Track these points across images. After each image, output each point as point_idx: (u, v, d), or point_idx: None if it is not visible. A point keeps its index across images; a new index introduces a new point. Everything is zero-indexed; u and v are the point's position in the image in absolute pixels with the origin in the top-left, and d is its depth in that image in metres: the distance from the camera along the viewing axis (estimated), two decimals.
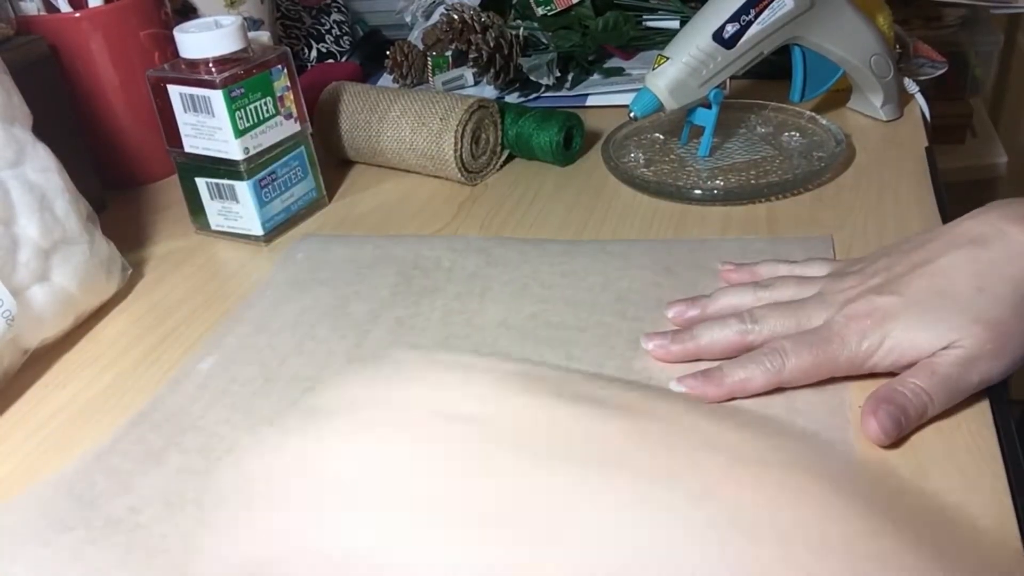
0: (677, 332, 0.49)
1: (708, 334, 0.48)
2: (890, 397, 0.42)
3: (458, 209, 0.70)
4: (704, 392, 0.45)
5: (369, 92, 0.77)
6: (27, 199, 0.55)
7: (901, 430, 0.41)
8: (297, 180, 0.70)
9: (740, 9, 0.66)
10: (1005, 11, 1.26)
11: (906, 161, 0.69)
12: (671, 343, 0.48)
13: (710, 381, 0.45)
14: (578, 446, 0.38)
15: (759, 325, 0.47)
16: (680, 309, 0.51)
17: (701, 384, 0.45)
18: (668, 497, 0.35)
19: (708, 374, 0.45)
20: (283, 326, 0.56)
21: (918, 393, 0.41)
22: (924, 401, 0.41)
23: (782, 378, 0.44)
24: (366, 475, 0.38)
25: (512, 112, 0.75)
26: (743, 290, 0.51)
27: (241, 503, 0.41)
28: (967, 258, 0.44)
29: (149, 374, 0.54)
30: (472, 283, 0.58)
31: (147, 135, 0.76)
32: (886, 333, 0.43)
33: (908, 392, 0.42)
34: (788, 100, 0.73)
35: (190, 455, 0.46)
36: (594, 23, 0.90)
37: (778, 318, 0.47)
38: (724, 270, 0.55)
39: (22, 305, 0.53)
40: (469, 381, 0.43)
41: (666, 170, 0.70)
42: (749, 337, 0.47)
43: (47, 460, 0.48)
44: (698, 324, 0.49)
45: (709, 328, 0.48)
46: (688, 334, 0.48)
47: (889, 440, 0.41)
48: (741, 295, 0.50)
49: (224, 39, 0.63)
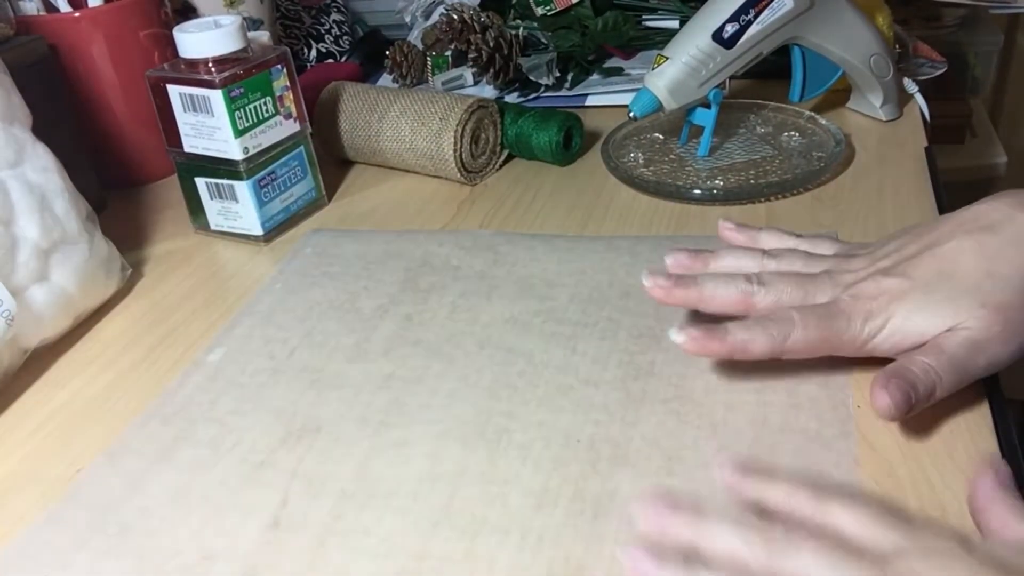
0: (681, 276, 0.47)
1: (712, 285, 0.46)
2: (900, 372, 0.41)
3: (458, 209, 0.70)
4: (704, 345, 0.44)
5: (369, 92, 0.77)
6: (27, 199, 0.55)
7: (911, 405, 0.41)
8: (297, 180, 0.70)
9: (740, 9, 0.66)
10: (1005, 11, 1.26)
11: (905, 161, 0.69)
12: (674, 285, 0.47)
13: (713, 336, 0.44)
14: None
15: (765, 289, 0.45)
16: (680, 258, 0.50)
17: (703, 336, 0.44)
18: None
19: (711, 328, 0.44)
20: (292, 319, 0.57)
21: (927, 370, 0.41)
22: (933, 379, 0.41)
23: (784, 348, 0.43)
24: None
25: (512, 112, 0.75)
26: (750, 254, 0.49)
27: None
28: (975, 242, 0.43)
29: (149, 374, 0.54)
30: (480, 280, 0.58)
31: (147, 135, 0.76)
32: (891, 315, 0.43)
33: (917, 369, 0.41)
34: (787, 100, 0.73)
35: (200, 448, 0.46)
36: (593, 23, 0.90)
37: (786, 287, 0.46)
38: (724, 227, 0.53)
39: (22, 305, 0.53)
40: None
41: (665, 170, 0.70)
42: (754, 298, 0.45)
43: (47, 460, 0.48)
44: (703, 275, 0.47)
45: (714, 280, 0.46)
46: (692, 280, 0.47)
47: (899, 415, 0.40)
48: (747, 258, 0.49)
49: (224, 39, 0.63)
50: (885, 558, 0.32)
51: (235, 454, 0.46)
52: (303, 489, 0.43)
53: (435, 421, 0.46)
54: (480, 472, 0.43)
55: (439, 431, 0.46)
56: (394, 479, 0.43)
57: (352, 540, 0.40)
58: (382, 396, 0.49)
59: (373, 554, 0.39)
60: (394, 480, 0.43)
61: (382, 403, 0.48)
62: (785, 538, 0.33)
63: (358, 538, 0.40)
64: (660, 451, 0.43)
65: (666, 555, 0.34)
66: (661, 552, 0.34)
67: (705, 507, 0.35)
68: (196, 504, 0.43)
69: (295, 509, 0.42)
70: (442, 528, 0.40)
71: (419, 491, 0.42)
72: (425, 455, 0.44)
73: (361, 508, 0.41)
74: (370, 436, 0.46)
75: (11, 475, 0.47)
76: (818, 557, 0.32)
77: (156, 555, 0.40)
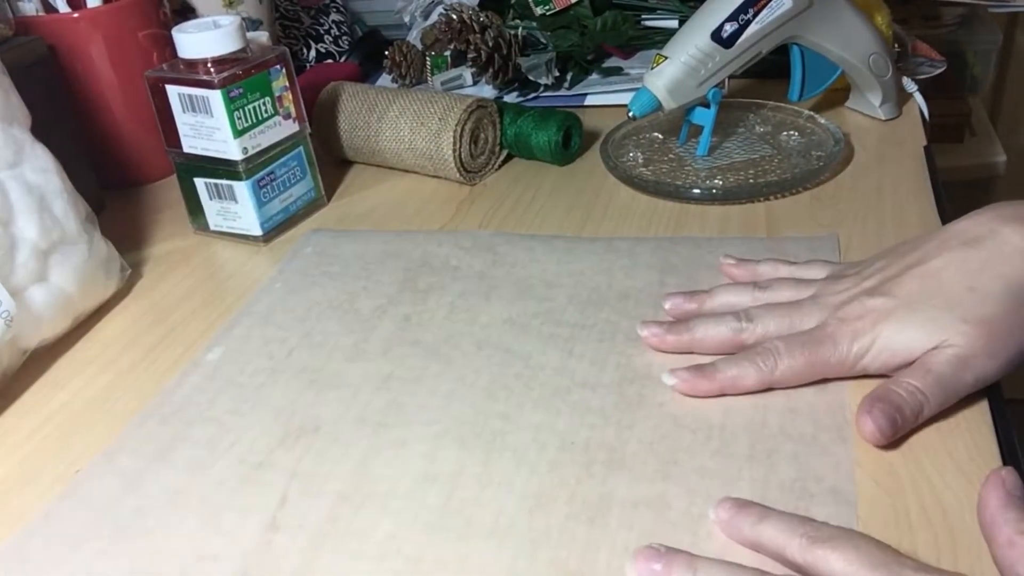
0: (673, 323, 0.50)
1: (703, 328, 0.48)
2: (885, 397, 0.42)
3: (457, 209, 0.70)
4: (695, 385, 0.45)
5: (368, 92, 0.77)
6: (26, 200, 0.55)
7: (897, 429, 0.41)
8: (296, 180, 0.70)
9: (739, 8, 0.66)
10: (1004, 10, 1.26)
11: (905, 160, 0.69)
12: (666, 332, 0.49)
13: (702, 375, 0.45)
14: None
15: (753, 324, 0.47)
16: (677, 302, 0.52)
17: (693, 377, 0.46)
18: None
19: (700, 368, 0.46)
20: (291, 319, 0.57)
21: (913, 392, 0.42)
22: (919, 400, 0.41)
23: (774, 378, 0.45)
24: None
25: (511, 112, 0.75)
26: (742, 289, 0.51)
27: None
28: (959, 259, 0.44)
29: (148, 374, 0.54)
30: (479, 280, 0.58)
31: (146, 135, 0.76)
32: (877, 334, 0.43)
33: (903, 391, 0.42)
34: (787, 99, 0.73)
35: (198, 448, 0.46)
36: (593, 23, 0.90)
37: (772, 318, 0.47)
38: (725, 264, 0.55)
39: (21, 306, 0.53)
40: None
41: (665, 169, 0.70)
42: (743, 335, 0.47)
43: (46, 460, 0.48)
44: (695, 318, 0.49)
45: (705, 322, 0.48)
46: (684, 326, 0.49)
47: (885, 439, 0.41)
48: (739, 294, 0.51)
49: (223, 39, 0.63)
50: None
51: (233, 454, 0.46)
52: (301, 489, 0.43)
53: (433, 422, 0.46)
54: (476, 474, 0.43)
55: (437, 432, 0.46)
56: (391, 480, 0.43)
57: (349, 542, 0.40)
58: (380, 396, 0.49)
59: (369, 556, 0.39)
60: (391, 481, 0.43)
61: (380, 403, 0.48)
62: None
63: (355, 540, 0.40)
64: (655, 455, 0.43)
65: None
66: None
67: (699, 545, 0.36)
68: (194, 504, 0.43)
69: (293, 510, 0.42)
70: (438, 531, 0.40)
71: (416, 492, 0.42)
72: (423, 456, 0.44)
73: (358, 509, 0.41)
74: (368, 436, 0.46)
75: (11, 475, 0.47)
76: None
77: (153, 555, 0.40)
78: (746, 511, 0.37)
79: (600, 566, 0.37)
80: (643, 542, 0.37)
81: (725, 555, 0.36)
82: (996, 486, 0.36)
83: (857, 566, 0.33)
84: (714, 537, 0.38)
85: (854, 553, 0.33)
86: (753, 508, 0.37)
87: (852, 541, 0.34)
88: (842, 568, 0.33)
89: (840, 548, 0.34)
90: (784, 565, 0.36)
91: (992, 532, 0.35)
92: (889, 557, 0.33)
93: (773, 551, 0.36)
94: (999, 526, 0.35)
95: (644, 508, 0.40)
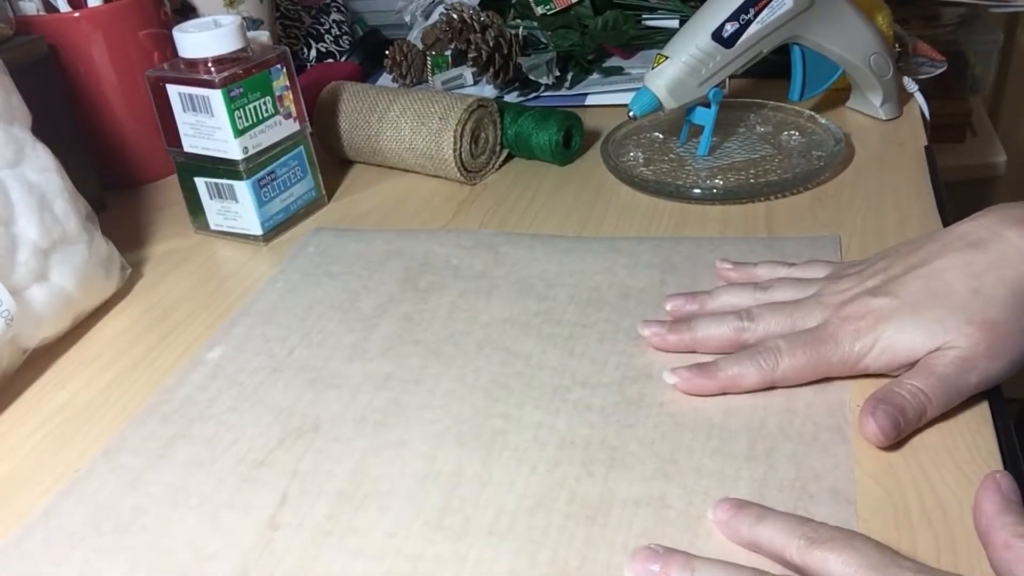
0: (675, 322, 0.50)
1: (705, 327, 0.48)
2: (888, 398, 0.42)
3: (457, 208, 0.70)
4: (696, 384, 0.45)
5: (368, 92, 0.77)
6: (26, 199, 0.55)
7: (899, 431, 0.41)
8: (296, 180, 0.70)
9: (739, 8, 0.66)
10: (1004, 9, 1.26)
11: (905, 160, 0.69)
12: (668, 331, 0.49)
13: (704, 374, 0.45)
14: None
15: (755, 323, 0.47)
16: (679, 303, 0.52)
17: (694, 376, 0.46)
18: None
19: (702, 367, 0.46)
20: (292, 317, 0.57)
21: (915, 394, 0.42)
22: (922, 402, 0.41)
23: (775, 376, 0.45)
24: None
25: (511, 111, 0.75)
26: (743, 290, 0.51)
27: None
28: (963, 260, 0.44)
29: (148, 373, 0.54)
30: (480, 280, 0.58)
31: (146, 135, 0.76)
32: (879, 334, 0.43)
33: (906, 393, 0.42)
34: (787, 99, 0.73)
35: (198, 447, 0.46)
36: (593, 22, 0.90)
37: (774, 317, 0.47)
38: (722, 268, 0.55)
39: (21, 305, 0.53)
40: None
41: (665, 169, 0.70)
42: (744, 335, 0.47)
43: (46, 460, 0.48)
44: (696, 318, 0.49)
45: (706, 322, 0.48)
46: (685, 325, 0.49)
47: (888, 441, 0.41)
48: (740, 295, 0.51)
49: (223, 39, 0.63)
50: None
51: (233, 453, 0.46)
52: (301, 488, 0.43)
53: (433, 421, 0.46)
54: (476, 473, 0.43)
55: (437, 431, 0.46)
56: (391, 479, 0.43)
57: (348, 541, 0.40)
58: (381, 396, 0.49)
59: (369, 555, 0.39)
60: (391, 480, 0.43)
61: (380, 403, 0.48)
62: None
63: (355, 539, 0.40)
64: (655, 455, 0.43)
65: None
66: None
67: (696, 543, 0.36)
68: (194, 502, 0.43)
69: (293, 508, 0.42)
70: (438, 530, 0.40)
71: (416, 492, 0.42)
72: (422, 455, 0.44)
73: (358, 508, 0.41)
74: (368, 435, 0.46)
75: (11, 474, 0.47)
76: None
77: (153, 553, 0.40)
78: (745, 511, 0.37)
79: (600, 565, 0.37)
80: (643, 541, 0.37)
81: (723, 555, 0.36)
82: (992, 490, 0.36)
83: (856, 567, 0.33)
84: (713, 537, 0.38)
85: (853, 554, 0.33)
86: (752, 508, 0.37)
87: (851, 542, 0.34)
88: (840, 570, 0.33)
89: (839, 549, 0.34)
90: (783, 566, 0.36)
91: (988, 536, 0.35)
92: (888, 558, 0.33)
93: (772, 552, 0.36)
94: (995, 530, 0.35)
95: (644, 507, 0.40)
